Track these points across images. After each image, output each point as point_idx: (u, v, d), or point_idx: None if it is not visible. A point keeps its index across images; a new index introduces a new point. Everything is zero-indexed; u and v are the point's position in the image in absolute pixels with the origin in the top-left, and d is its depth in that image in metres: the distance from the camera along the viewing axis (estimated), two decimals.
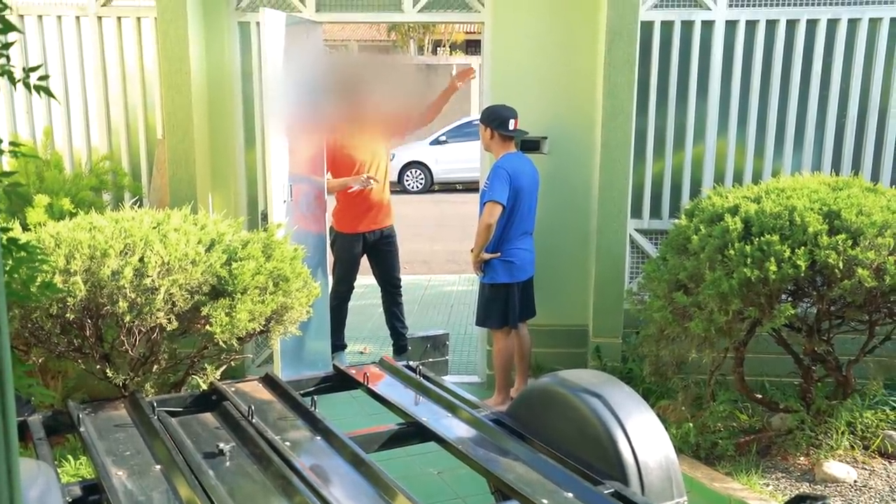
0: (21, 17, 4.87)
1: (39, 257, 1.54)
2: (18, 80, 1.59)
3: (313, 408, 2.88)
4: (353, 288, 5.56)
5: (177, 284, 3.23)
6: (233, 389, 3.12)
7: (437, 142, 16.00)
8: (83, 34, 4.92)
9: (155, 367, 3.53)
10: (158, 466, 2.48)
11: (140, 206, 4.78)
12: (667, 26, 4.80)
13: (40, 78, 1.63)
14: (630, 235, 4.93)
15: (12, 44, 1.56)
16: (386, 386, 3.27)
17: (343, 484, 2.37)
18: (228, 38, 4.91)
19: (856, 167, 4.88)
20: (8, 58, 1.59)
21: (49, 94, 1.60)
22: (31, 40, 4.89)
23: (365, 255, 5.53)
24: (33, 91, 1.62)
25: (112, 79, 4.96)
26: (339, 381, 3.43)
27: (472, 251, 4.64)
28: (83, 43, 4.93)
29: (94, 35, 4.90)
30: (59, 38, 4.91)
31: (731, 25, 4.78)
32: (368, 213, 5.37)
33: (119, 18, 4.88)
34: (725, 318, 3.59)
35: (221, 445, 2.56)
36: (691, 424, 4.03)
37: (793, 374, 4.16)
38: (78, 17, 4.89)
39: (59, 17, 4.89)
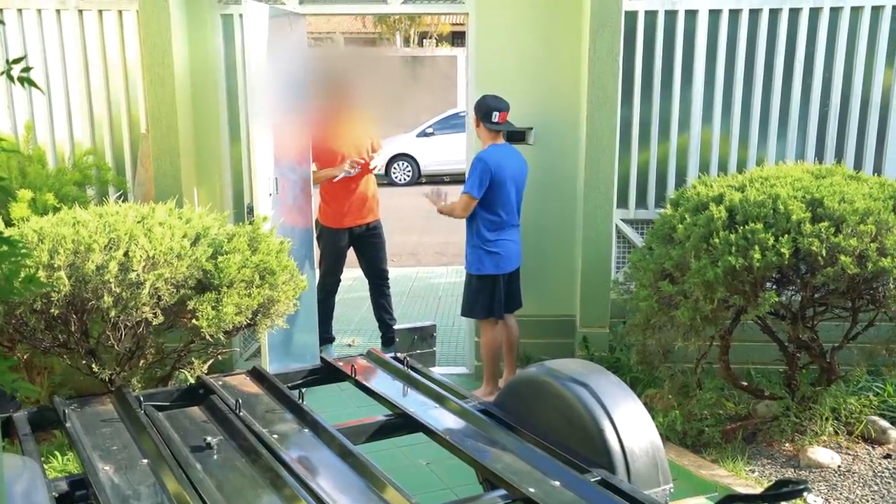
0: (0, 10, 4.81)
1: (22, 251, 1.53)
2: (1, 73, 1.57)
3: (301, 400, 2.88)
4: (339, 281, 5.56)
5: (162, 278, 3.21)
6: (220, 383, 3.12)
7: (423, 134, 15.96)
8: (64, 28, 4.87)
9: (141, 361, 3.52)
10: (146, 461, 2.48)
11: (125, 200, 4.75)
12: (650, 16, 4.81)
13: (23, 70, 1.61)
14: (616, 225, 4.94)
15: None
16: (374, 378, 3.28)
17: (331, 476, 2.38)
18: (211, 30, 4.87)
19: (839, 155, 4.92)
20: None
21: (33, 84, 1.59)
22: (12, 35, 4.83)
23: (352, 248, 5.52)
24: (16, 84, 1.60)
25: (94, 73, 4.91)
26: (327, 374, 3.44)
27: (441, 205, 4.69)
28: (64, 37, 4.88)
29: (76, 29, 4.85)
30: (39, 33, 4.86)
31: (714, 14, 4.79)
32: (353, 207, 5.36)
33: (100, 12, 4.83)
34: (711, 306, 3.61)
35: (209, 439, 2.56)
36: (678, 412, 4.06)
37: (778, 361, 4.20)
38: (58, 11, 4.83)
39: (39, 11, 4.83)
